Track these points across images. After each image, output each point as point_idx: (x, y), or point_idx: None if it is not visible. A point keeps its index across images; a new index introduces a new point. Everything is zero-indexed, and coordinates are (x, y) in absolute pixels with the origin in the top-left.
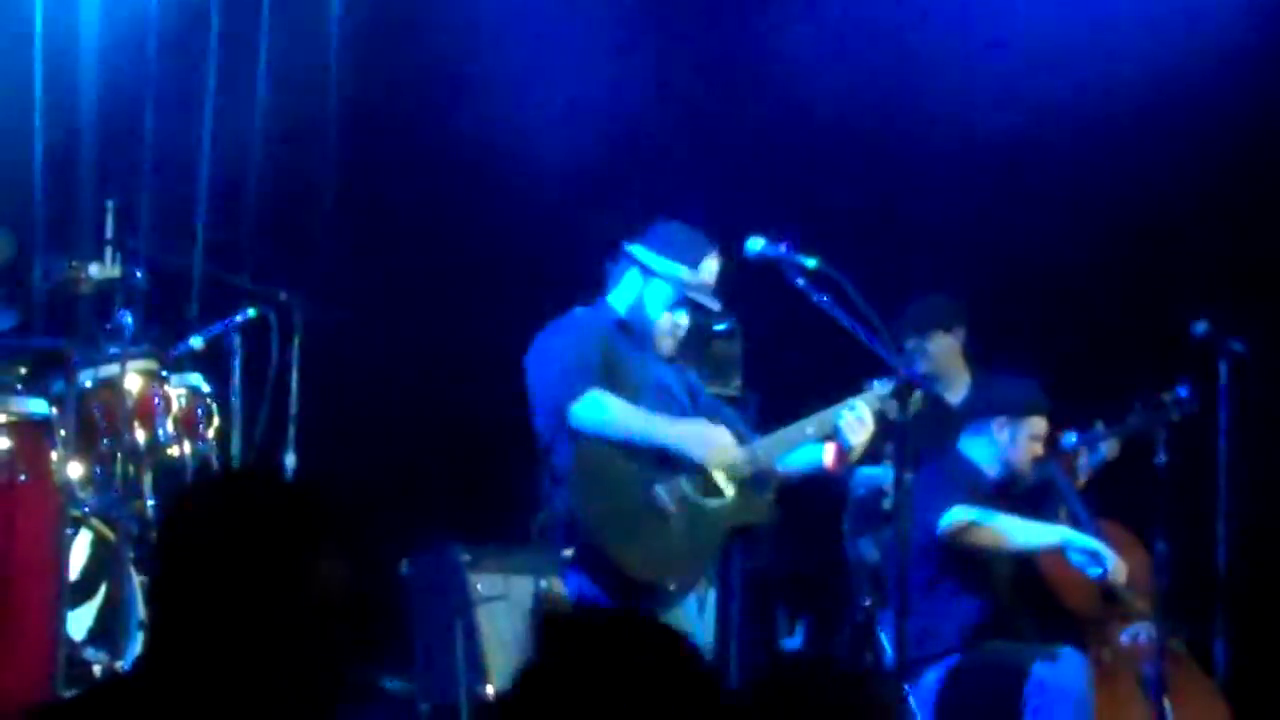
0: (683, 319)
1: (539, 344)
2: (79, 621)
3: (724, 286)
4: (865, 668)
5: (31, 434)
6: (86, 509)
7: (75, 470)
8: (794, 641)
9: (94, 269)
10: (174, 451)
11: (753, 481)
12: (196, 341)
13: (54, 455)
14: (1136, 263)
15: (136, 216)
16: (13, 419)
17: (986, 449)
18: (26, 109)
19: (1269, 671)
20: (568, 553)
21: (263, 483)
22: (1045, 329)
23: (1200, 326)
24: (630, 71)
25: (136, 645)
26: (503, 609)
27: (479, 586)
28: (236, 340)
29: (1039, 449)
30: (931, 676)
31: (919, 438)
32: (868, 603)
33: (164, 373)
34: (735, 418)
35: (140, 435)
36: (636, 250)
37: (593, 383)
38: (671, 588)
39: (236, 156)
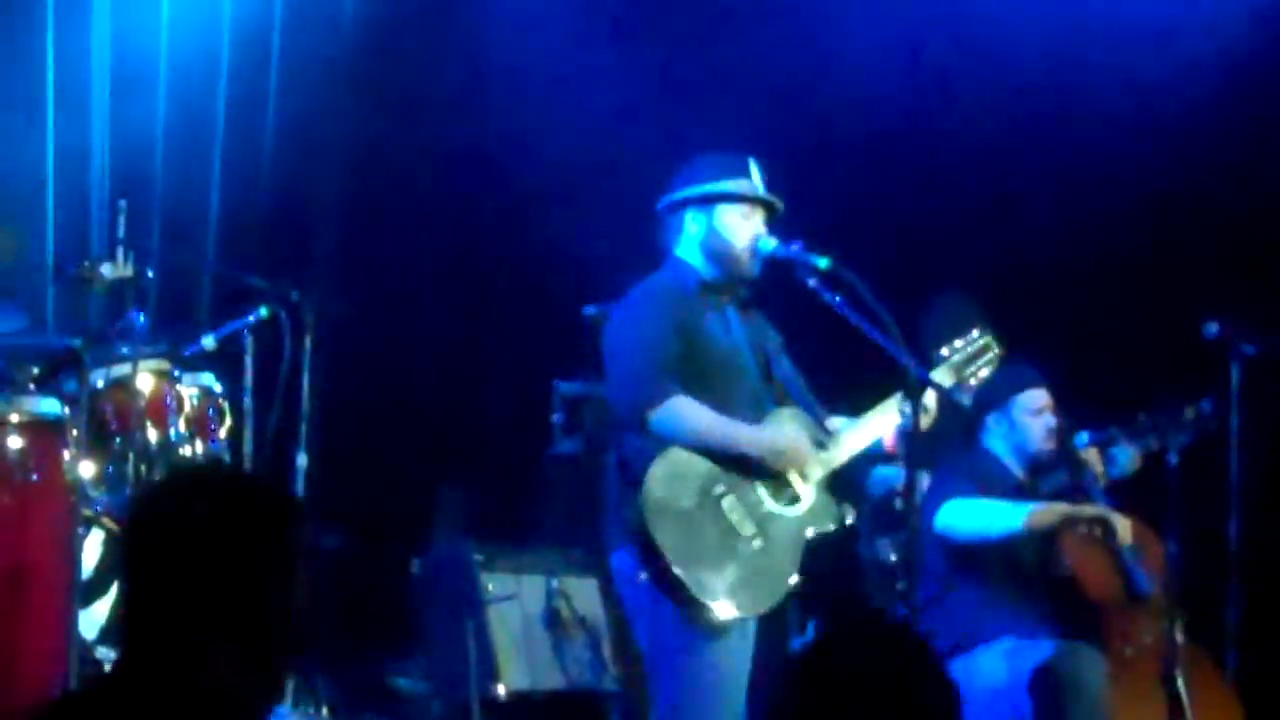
0: (758, 221)
1: (615, 329)
2: (91, 620)
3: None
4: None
5: (44, 434)
6: (99, 508)
7: (87, 470)
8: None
9: (106, 268)
10: (186, 451)
11: (830, 482)
12: (208, 341)
13: (66, 455)
14: (1148, 264)
15: (148, 216)
16: (25, 419)
17: (1001, 444)
18: (39, 110)
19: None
20: (643, 576)
21: (224, 479)
22: (1056, 331)
23: (1212, 328)
24: (635, 72)
25: None
26: (514, 608)
27: (490, 586)
28: (248, 339)
29: (1046, 419)
30: None
31: (937, 439)
32: (879, 601)
33: (176, 372)
34: (806, 392)
35: (152, 435)
36: (681, 193)
37: (673, 386)
38: (745, 613)
39: (248, 156)
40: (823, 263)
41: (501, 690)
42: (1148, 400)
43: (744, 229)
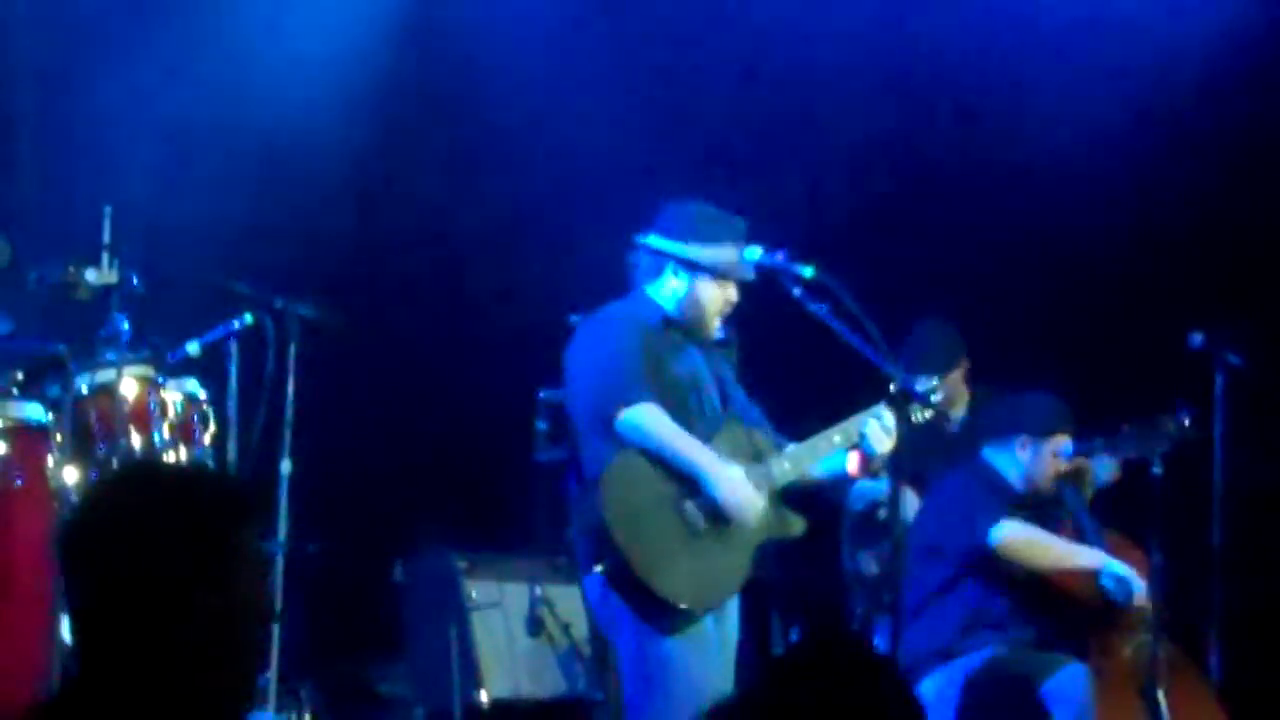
0: (733, 294)
1: (584, 341)
2: None
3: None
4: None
5: (27, 439)
6: None
7: (71, 476)
8: None
9: (91, 274)
10: (170, 458)
11: (784, 494)
12: (193, 347)
13: (50, 461)
14: (1134, 274)
15: (134, 221)
16: (8, 424)
17: (1010, 463)
18: (22, 112)
19: (1263, 682)
20: (599, 568)
21: (171, 475)
22: (1042, 339)
23: (1197, 338)
24: (619, 83)
25: None
26: (497, 616)
27: (474, 593)
28: (233, 346)
29: (1062, 465)
30: (929, 683)
31: (918, 454)
32: (862, 610)
33: (160, 378)
34: (763, 420)
35: (136, 441)
36: (667, 245)
37: (645, 392)
38: (699, 610)
39: (236, 162)
40: (807, 271)
41: (484, 698)
42: (1133, 410)
43: (719, 298)
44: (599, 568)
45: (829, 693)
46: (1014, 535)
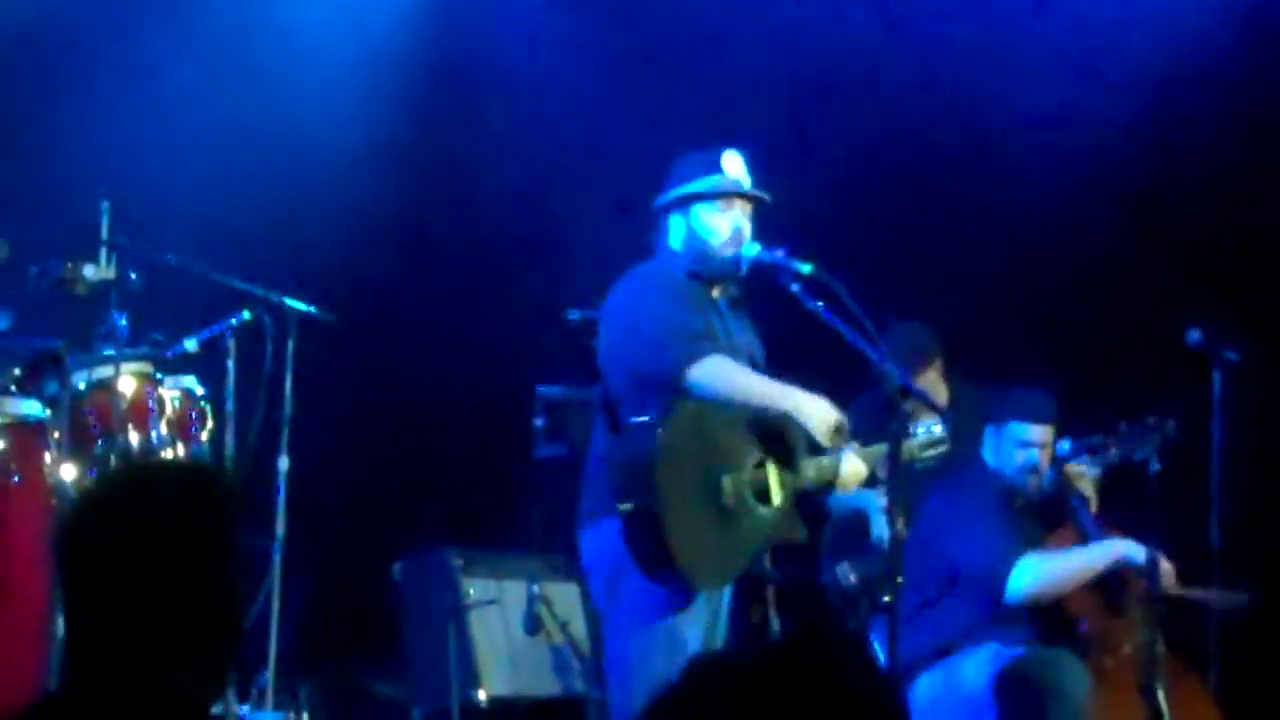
0: (740, 219)
1: (625, 301)
2: None
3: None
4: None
5: (25, 436)
6: None
7: (69, 472)
8: None
9: (89, 270)
10: (168, 454)
11: (801, 497)
12: (191, 344)
13: (47, 457)
14: (1131, 270)
15: (132, 217)
16: (6, 420)
17: (991, 456)
18: (21, 106)
19: (1260, 682)
20: (626, 506)
21: (160, 472)
22: (1038, 337)
23: (1194, 335)
24: (616, 77)
25: None
26: (495, 613)
27: (471, 591)
28: (231, 343)
29: (1029, 455)
30: (926, 680)
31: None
32: (864, 609)
33: (158, 375)
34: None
35: (134, 437)
36: (661, 199)
37: (709, 346)
38: (701, 585)
39: (235, 157)
40: (806, 268)
41: (482, 696)
42: (1130, 407)
43: (722, 223)
44: (626, 506)
45: (816, 678)
46: (1035, 577)
